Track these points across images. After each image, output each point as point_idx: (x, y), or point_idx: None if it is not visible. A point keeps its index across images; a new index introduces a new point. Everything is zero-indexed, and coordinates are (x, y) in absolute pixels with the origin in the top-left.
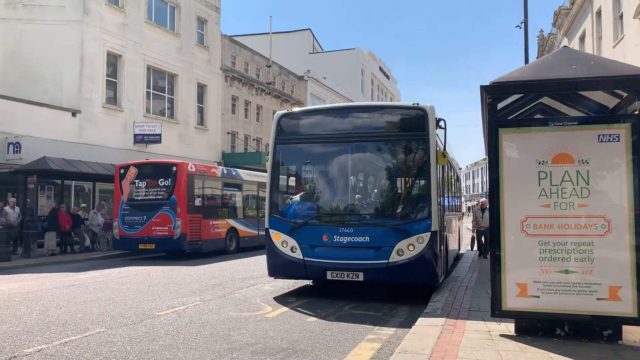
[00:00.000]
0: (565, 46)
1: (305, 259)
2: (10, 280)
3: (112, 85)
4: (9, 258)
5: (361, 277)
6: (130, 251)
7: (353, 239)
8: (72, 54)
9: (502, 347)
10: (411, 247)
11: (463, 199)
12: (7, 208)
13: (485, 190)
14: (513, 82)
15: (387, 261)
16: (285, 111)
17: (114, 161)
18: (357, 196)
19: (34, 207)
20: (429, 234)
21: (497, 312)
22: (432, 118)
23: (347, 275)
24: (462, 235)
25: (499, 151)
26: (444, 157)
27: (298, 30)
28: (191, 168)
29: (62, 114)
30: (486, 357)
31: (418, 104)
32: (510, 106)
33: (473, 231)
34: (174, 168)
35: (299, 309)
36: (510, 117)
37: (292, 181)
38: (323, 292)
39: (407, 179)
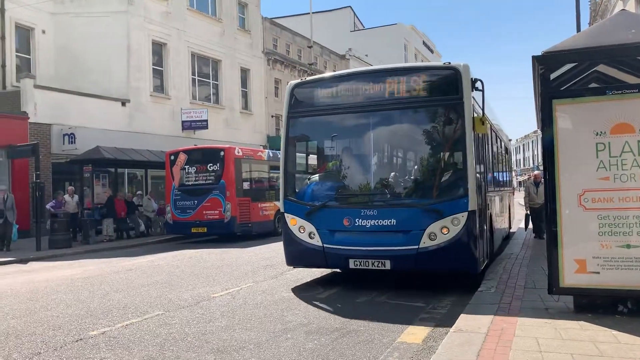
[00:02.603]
0: (622, 9)
1: (324, 245)
2: (72, 266)
3: (158, 74)
4: (70, 245)
5: (388, 266)
6: (183, 235)
7: (377, 222)
8: (119, 44)
9: (561, 325)
10: (445, 230)
11: (513, 173)
12: (66, 197)
13: (536, 163)
14: (567, 51)
15: (417, 247)
16: (299, 80)
17: (164, 148)
18: (381, 173)
19: (90, 195)
20: (465, 214)
21: (555, 289)
22: (467, 79)
23: (372, 264)
24: (513, 212)
25: (553, 123)
26: (483, 124)
27: (338, 8)
28: (238, 152)
29: (112, 104)
30: (545, 335)
31: (450, 63)
32: (563, 76)
33: (526, 209)
34: (222, 153)
35: (349, 289)
36: (563, 88)
37: (309, 159)
38: (373, 273)
39: (438, 151)
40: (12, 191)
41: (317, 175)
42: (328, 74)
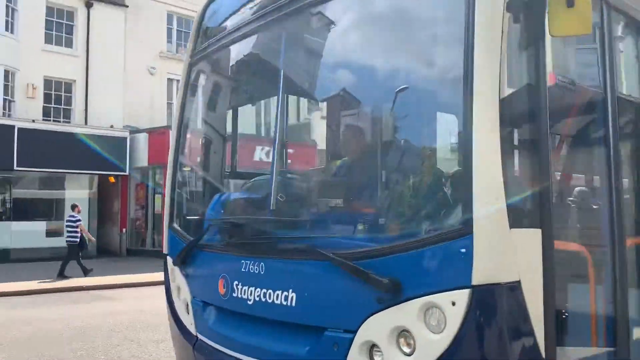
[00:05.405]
0: None
1: (197, 335)
2: None
3: None
4: None
5: None
6: None
7: (264, 294)
8: None
9: None
10: (406, 343)
11: None
12: None
13: None
14: None
15: None
16: None
17: None
18: (290, 174)
19: None
20: (464, 295)
21: None
22: None
23: None
24: None
25: None
26: (572, 4)
27: None
28: None
29: None
30: None
31: None
32: None
33: None
34: None
35: None
36: None
37: (217, 144)
38: None
39: (404, 120)
40: None
41: (208, 179)
42: None
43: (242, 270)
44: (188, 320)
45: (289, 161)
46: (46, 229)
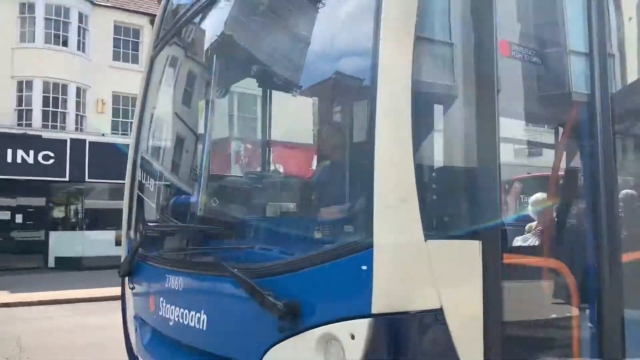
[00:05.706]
0: None
1: (138, 355)
2: None
3: None
4: None
5: None
6: None
7: (182, 315)
8: None
9: None
10: None
11: None
12: None
13: None
14: None
15: None
16: None
17: None
18: (216, 179)
19: None
20: (366, 324)
21: None
22: None
23: None
24: None
25: None
26: None
27: None
28: None
29: None
30: None
31: None
32: None
33: None
34: None
35: None
36: None
37: (175, 145)
38: None
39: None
40: None
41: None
42: None
43: (167, 285)
44: (132, 338)
45: (226, 164)
46: (115, 238)
